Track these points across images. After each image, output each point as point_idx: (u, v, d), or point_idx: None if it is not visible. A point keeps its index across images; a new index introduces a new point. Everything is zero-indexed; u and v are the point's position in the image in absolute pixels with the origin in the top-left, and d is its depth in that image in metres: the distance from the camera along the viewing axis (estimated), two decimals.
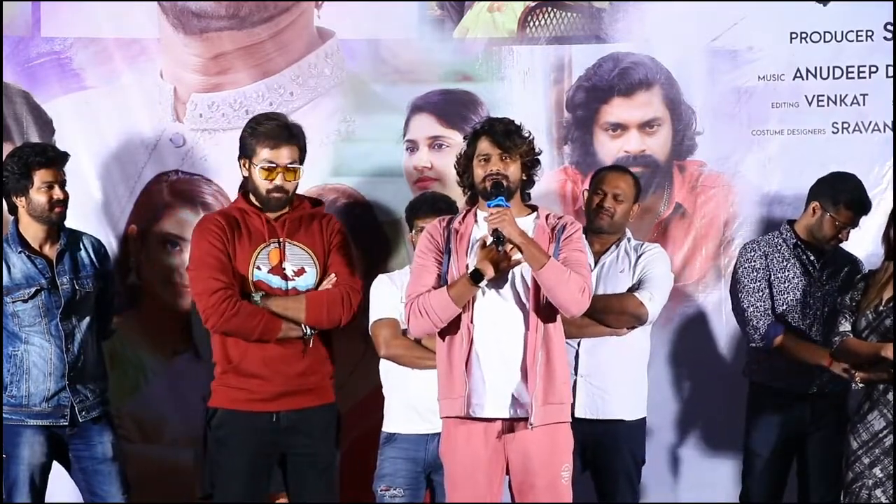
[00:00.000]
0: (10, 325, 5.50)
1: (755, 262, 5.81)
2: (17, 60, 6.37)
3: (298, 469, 5.24)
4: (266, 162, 5.22)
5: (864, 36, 6.25)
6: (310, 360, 5.25)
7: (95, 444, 5.60)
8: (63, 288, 5.51)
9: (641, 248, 5.65)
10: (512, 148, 4.92)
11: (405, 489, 5.42)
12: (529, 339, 4.88)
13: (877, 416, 5.25)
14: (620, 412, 5.53)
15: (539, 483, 4.91)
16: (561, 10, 6.39)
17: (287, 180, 5.25)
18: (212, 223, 5.29)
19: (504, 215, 4.79)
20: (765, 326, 5.73)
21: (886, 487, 5.20)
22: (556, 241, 4.93)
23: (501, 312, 4.91)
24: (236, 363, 5.20)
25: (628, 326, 5.51)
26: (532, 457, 4.90)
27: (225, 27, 6.39)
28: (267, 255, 5.24)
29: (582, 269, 4.90)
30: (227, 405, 5.23)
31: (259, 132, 5.26)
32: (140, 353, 6.34)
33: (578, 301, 4.86)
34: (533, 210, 5.06)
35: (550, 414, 4.89)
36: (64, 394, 5.50)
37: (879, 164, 6.22)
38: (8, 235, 5.55)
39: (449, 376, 4.92)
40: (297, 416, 5.21)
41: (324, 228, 5.36)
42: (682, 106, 6.34)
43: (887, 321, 5.25)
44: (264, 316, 5.18)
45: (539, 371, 4.85)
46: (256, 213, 5.27)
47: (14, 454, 5.48)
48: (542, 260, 4.81)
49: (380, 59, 6.42)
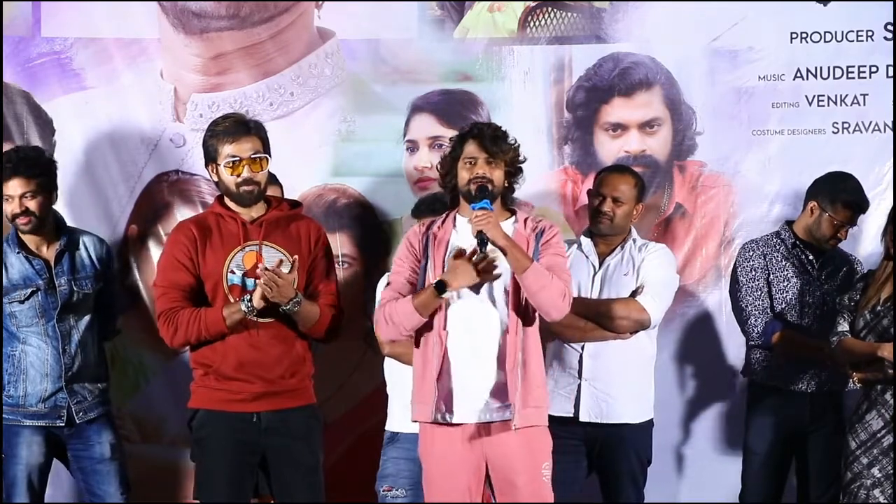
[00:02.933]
0: (8, 325, 5.51)
1: (754, 262, 5.82)
2: (17, 60, 6.38)
3: (280, 470, 5.19)
4: (229, 157, 5.15)
5: (864, 36, 6.25)
6: (289, 361, 5.20)
7: (94, 445, 5.60)
8: (60, 289, 5.51)
9: (646, 249, 5.61)
10: (499, 153, 4.94)
11: (407, 489, 5.41)
12: (509, 341, 4.89)
13: (875, 416, 5.26)
14: (625, 415, 5.51)
15: (520, 481, 4.92)
16: (561, 10, 6.39)
17: (254, 171, 5.17)
18: (182, 233, 5.23)
19: (489, 218, 4.81)
20: (763, 324, 5.74)
21: (885, 487, 5.20)
22: (535, 244, 4.95)
23: (477, 316, 4.93)
24: (216, 367, 5.15)
25: (631, 331, 5.51)
26: (512, 456, 4.91)
27: (225, 27, 6.40)
28: (241, 259, 5.17)
29: (563, 274, 4.93)
30: (207, 405, 5.18)
31: (218, 132, 5.20)
32: (140, 353, 6.34)
33: (559, 305, 4.89)
34: (512, 214, 5.07)
35: (529, 417, 4.91)
36: (61, 394, 5.51)
37: (879, 164, 6.22)
38: (8, 236, 5.56)
39: (421, 381, 4.96)
40: (277, 416, 5.16)
41: (304, 234, 5.27)
42: (682, 106, 6.34)
43: (885, 321, 5.26)
44: (199, 316, 5.10)
45: (518, 374, 4.88)
46: (232, 217, 5.20)
47: (12, 454, 5.49)
48: (526, 263, 4.83)
49: (380, 59, 6.42)
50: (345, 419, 6.32)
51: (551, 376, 5.54)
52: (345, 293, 5.64)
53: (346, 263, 6.33)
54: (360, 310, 5.98)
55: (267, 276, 4.97)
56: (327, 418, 6.23)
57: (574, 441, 5.51)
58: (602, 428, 5.50)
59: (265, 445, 5.17)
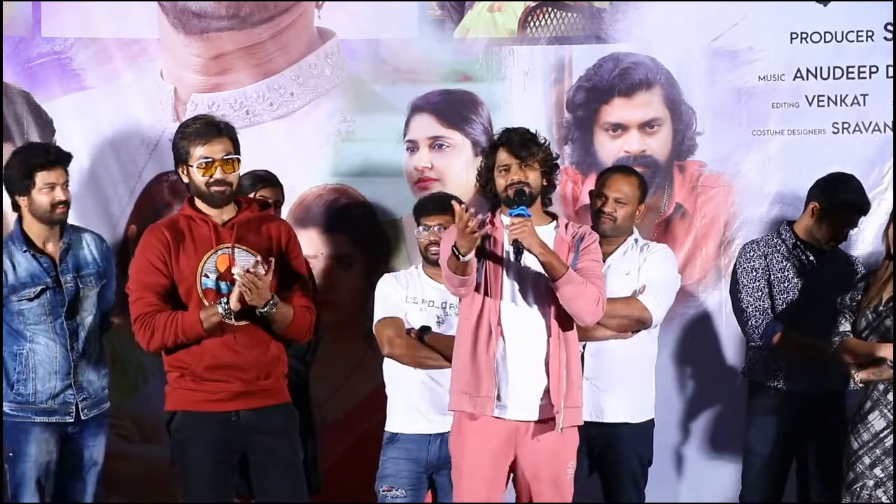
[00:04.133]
0: (15, 323, 5.51)
1: (754, 262, 5.81)
2: (17, 60, 6.38)
3: (260, 468, 5.16)
4: (202, 159, 5.10)
5: (864, 36, 6.25)
6: (264, 362, 5.14)
7: (87, 447, 5.63)
8: (67, 287, 5.52)
9: (648, 249, 5.60)
10: (529, 156, 4.99)
11: (407, 490, 5.41)
12: (552, 344, 4.97)
13: (877, 416, 5.25)
14: (626, 415, 5.51)
15: (545, 476, 5.01)
16: (561, 10, 6.39)
17: (226, 172, 5.12)
18: (154, 236, 5.17)
19: (524, 226, 4.86)
20: (763, 325, 5.74)
21: (887, 487, 5.20)
22: (575, 250, 5.02)
23: (526, 319, 4.99)
24: (192, 369, 5.12)
25: (633, 330, 5.51)
26: (541, 452, 4.99)
27: (225, 27, 6.40)
28: (214, 262, 5.12)
29: (597, 280, 5.00)
30: (185, 407, 5.14)
31: (189, 133, 5.15)
32: (140, 353, 6.29)
33: (593, 311, 4.98)
34: (553, 218, 5.12)
35: (571, 417, 5.00)
36: (69, 391, 5.53)
37: (879, 165, 6.22)
38: (13, 234, 5.56)
39: (475, 373, 4.97)
40: (255, 415, 5.13)
41: (275, 235, 5.22)
42: (682, 106, 6.35)
43: (887, 321, 5.25)
44: (176, 319, 5.06)
45: (563, 376, 4.96)
46: (203, 220, 5.14)
47: (22, 452, 5.49)
48: (561, 271, 4.89)
49: (380, 59, 6.42)
50: (344, 419, 6.33)
51: None
52: (345, 293, 5.64)
53: (346, 263, 6.33)
54: (361, 310, 5.98)
55: (247, 278, 4.93)
56: (327, 418, 6.25)
57: None
58: (603, 428, 5.49)
59: (245, 444, 5.14)
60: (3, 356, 5.52)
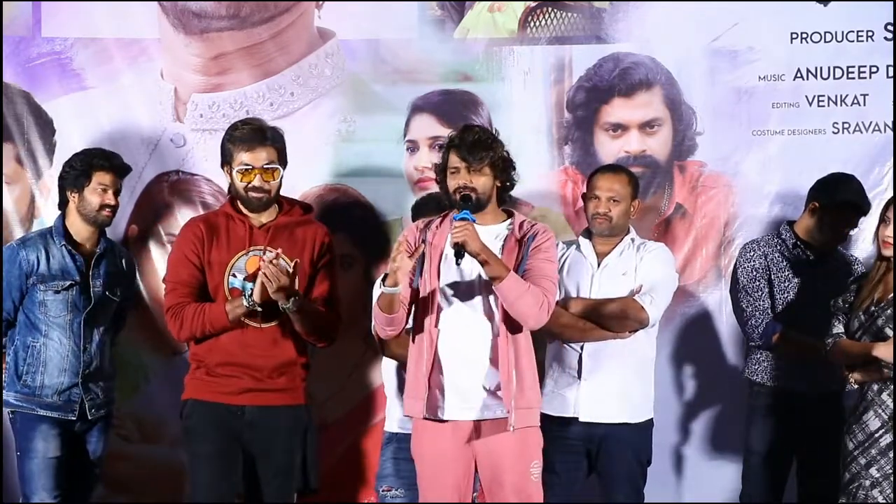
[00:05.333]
0: (34, 314, 5.58)
1: (755, 262, 5.81)
2: (17, 60, 6.39)
3: (254, 466, 5.25)
4: (243, 165, 5.25)
5: (864, 36, 6.25)
6: (278, 362, 5.24)
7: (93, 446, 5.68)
8: (94, 290, 5.62)
9: (645, 248, 5.61)
10: (477, 162, 4.98)
11: (407, 489, 5.42)
12: (500, 345, 4.95)
13: (872, 416, 5.25)
14: (624, 415, 5.51)
15: (508, 480, 4.98)
16: (561, 10, 6.39)
17: (265, 181, 5.26)
18: (191, 230, 5.35)
19: (466, 229, 4.85)
20: (763, 325, 5.74)
21: (883, 487, 5.20)
22: (525, 248, 4.99)
23: (467, 319, 4.99)
24: (206, 363, 5.26)
25: (631, 330, 5.50)
26: (501, 455, 4.97)
27: (225, 27, 6.40)
28: (244, 263, 5.25)
29: (543, 281, 4.96)
30: (196, 395, 5.28)
31: (235, 137, 5.30)
32: (140, 353, 6.35)
33: (536, 315, 4.94)
34: (509, 216, 5.10)
35: (524, 418, 4.98)
36: (76, 390, 5.59)
37: (880, 165, 6.22)
38: (53, 227, 5.66)
39: (413, 378, 5.02)
40: (262, 412, 5.23)
41: (310, 239, 5.34)
42: (682, 106, 6.34)
43: (879, 321, 5.25)
44: (203, 310, 5.21)
45: (512, 376, 4.94)
46: (241, 220, 5.29)
47: (29, 448, 5.52)
48: (502, 273, 4.88)
49: (380, 59, 6.42)
50: (344, 419, 6.32)
51: (551, 376, 5.56)
52: (345, 293, 5.64)
53: (346, 263, 6.33)
54: (361, 310, 5.98)
55: (268, 268, 5.05)
56: (327, 418, 6.25)
57: (574, 441, 5.52)
58: (602, 428, 5.50)
59: (246, 440, 5.23)
60: (9, 352, 5.61)
